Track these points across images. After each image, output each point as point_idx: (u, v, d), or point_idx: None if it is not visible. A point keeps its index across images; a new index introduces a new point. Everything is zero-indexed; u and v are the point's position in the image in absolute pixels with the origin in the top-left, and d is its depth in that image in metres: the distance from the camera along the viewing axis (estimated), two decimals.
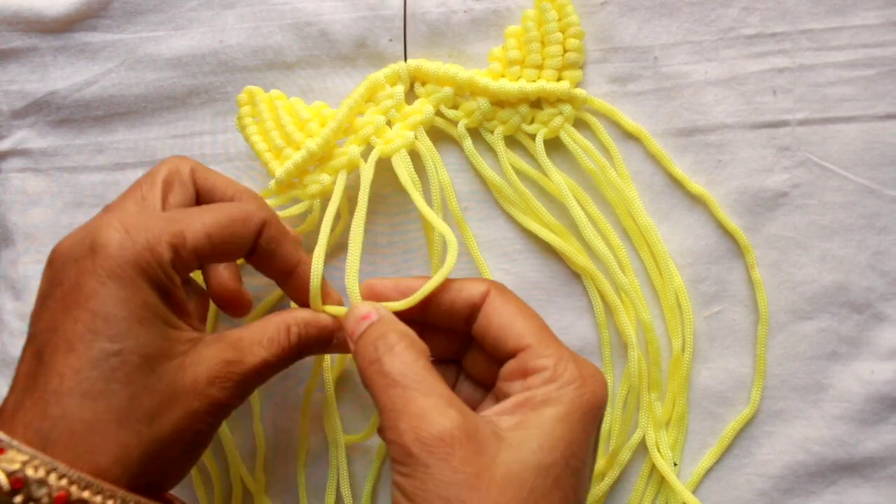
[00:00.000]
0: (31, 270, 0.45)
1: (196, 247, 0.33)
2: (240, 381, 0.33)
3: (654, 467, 0.41)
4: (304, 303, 0.37)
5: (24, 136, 0.45)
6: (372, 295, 0.35)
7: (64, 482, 0.28)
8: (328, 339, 0.36)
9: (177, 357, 0.31)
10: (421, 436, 0.28)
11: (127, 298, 0.30)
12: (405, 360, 0.31)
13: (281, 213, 0.41)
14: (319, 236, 0.37)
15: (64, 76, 0.44)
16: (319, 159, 0.41)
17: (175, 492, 0.44)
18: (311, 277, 0.36)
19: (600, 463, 0.41)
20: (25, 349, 0.32)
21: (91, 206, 0.45)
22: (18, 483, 0.28)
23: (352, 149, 0.41)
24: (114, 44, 0.44)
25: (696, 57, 0.41)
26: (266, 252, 0.35)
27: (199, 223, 0.33)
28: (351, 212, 0.42)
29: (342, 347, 0.37)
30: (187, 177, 0.36)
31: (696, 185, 0.41)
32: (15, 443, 0.28)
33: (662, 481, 0.41)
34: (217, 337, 0.33)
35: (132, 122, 0.44)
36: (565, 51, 0.41)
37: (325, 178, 0.41)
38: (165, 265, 0.31)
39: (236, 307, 0.37)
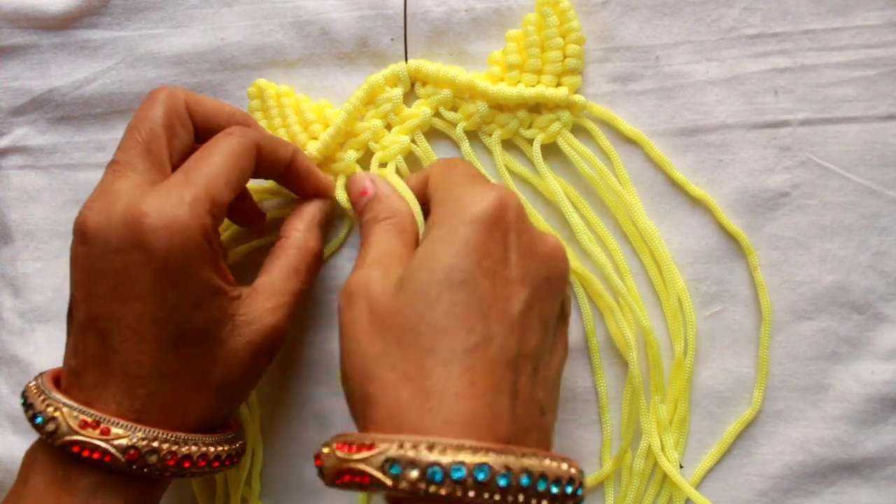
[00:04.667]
0: (30, 268, 0.45)
1: (224, 202, 0.35)
2: (286, 317, 0.37)
3: (655, 466, 0.41)
4: (310, 188, 0.40)
5: (23, 133, 0.45)
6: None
7: (167, 445, 0.33)
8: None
9: (228, 323, 0.35)
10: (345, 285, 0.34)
11: (182, 286, 0.33)
12: (378, 234, 0.36)
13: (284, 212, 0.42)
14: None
15: (64, 73, 0.44)
16: (321, 163, 0.42)
17: (176, 495, 0.44)
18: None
19: (606, 466, 0.41)
20: (83, 331, 0.34)
21: None
22: (134, 455, 0.32)
23: (349, 154, 0.41)
24: (114, 41, 0.44)
25: (697, 56, 0.41)
26: (266, 163, 0.38)
27: (220, 179, 0.34)
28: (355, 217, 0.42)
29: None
30: (185, 114, 0.37)
31: (697, 188, 0.41)
32: (119, 422, 0.33)
33: (663, 481, 0.41)
34: (251, 290, 0.37)
35: None
36: (565, 56, 0.41)
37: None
38: (211, 237, 0.34)
39: (252, 220, 0.42)
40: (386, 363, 0.30)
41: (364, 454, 0.28)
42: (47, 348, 0.44)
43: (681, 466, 0.41)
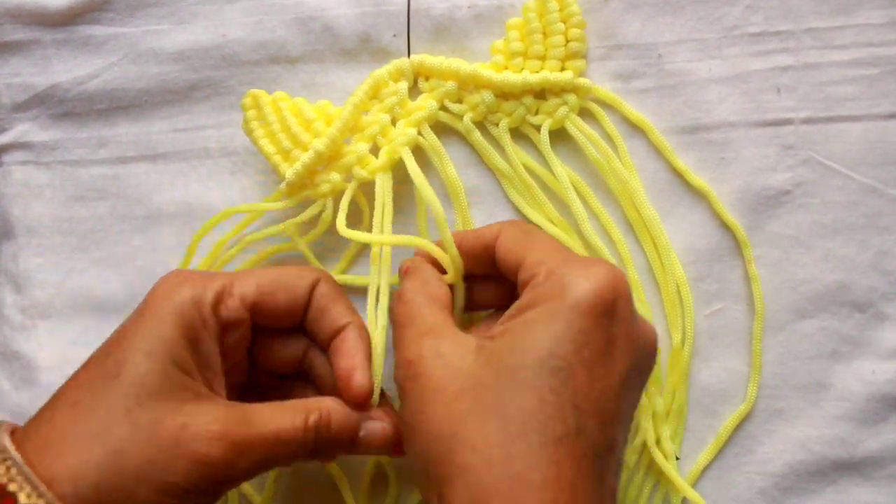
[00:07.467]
0: (32, 264, 0.45)
1: (243, 294, 0.34)
2: (233, 446, 0.31)
3: (652, 461, 0.41)
4: (343, 371, 0.35)
5: (26, 129, 0.45)
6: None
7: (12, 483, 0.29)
8: (351, 434, 0.34)
9: (173, 401, 0.31)
10: (398, 361, 0.32)
11: (145, 331, 0.32)
12: (417, 304, 0.34)
13: (296, 219, 0.41)
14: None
15: (66, 69, 0.44)
16: (328, 159, 0.41)
17: None
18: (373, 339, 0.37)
19: None
20: None
21: (93, 199, 0.45)
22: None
23: (360, 146, 0.41)
24: (116, 37, 0.44)
25: (699, 54, 0.41)
26: (319, 309, 0.36)
27: (252, 276, 0.35)
28: (370, 209, 0.42)
29: (368, 446, 0.35)
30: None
31: (697, 178, 0.41)
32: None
33: (661, 475, 0.41)
34: (230, 403, 0.33)
35: (134, 115, 0.44)
36: (567, 41, 0.41)
37: (335, 176, 0.41)
38: (204, 308, 0.33)
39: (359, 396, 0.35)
40: (465, 443, 0.29)
41: None
42: (49, 344, 0.44)
43: (677, 458, 0.41)
